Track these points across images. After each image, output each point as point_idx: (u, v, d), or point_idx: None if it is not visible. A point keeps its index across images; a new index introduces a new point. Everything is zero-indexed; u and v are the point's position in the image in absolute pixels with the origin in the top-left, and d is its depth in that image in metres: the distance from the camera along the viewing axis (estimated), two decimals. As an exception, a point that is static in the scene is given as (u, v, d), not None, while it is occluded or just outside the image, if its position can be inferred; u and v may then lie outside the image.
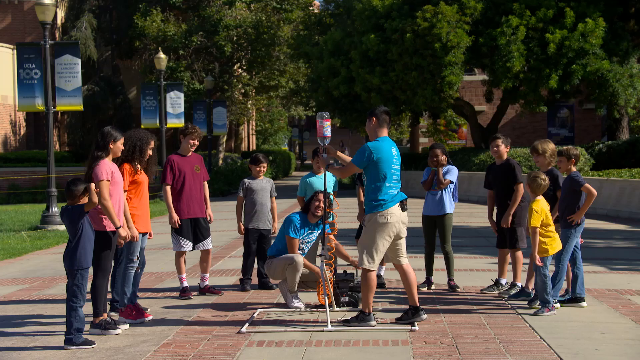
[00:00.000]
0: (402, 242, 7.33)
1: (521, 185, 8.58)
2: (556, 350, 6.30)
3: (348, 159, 7.51)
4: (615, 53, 26.28)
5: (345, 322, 7.25)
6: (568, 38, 25.02)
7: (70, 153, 39.62)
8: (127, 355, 6.42)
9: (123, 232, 7.20)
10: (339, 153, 7.51)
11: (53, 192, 17.92)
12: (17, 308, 8.67)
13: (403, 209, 7.19)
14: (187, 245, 8.98)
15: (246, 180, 9.51)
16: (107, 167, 7.12)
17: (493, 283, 8.95)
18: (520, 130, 40.39)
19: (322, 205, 8.17)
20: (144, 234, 7.89)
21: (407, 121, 46.49)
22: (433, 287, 9.26)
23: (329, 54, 29.55)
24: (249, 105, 45.47)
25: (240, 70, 42.11)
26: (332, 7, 36.22)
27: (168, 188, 8.91)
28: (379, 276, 9.35)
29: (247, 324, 7.33)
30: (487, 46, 25.96)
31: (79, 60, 18.86)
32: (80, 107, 19.22)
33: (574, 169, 8.20)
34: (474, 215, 19.48)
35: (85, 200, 6.85)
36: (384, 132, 7.30)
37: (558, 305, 7.89)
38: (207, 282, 9.18)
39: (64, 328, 6.87)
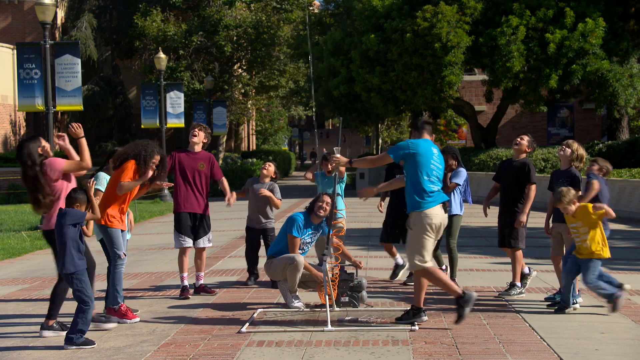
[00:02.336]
0: (435, 244, 7.37)
1: (534, 186, 8.58)
2: (556, 350, 6.30)
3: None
4: (615, 53, 26.29)
5: (459, 318, 7.06)
6: (568, 38, 25.02)
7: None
8: (127, 355, 6.42)
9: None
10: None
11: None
12: (17, 308, 8.67)
13: (445, 211, 7.23)
14: (186, 241, 8.94)
15: (250, 180, 9.71)
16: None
17: (508, 287, 8.86)
18: (520, 130, 40.30)
19: (325, 206, 8.20)
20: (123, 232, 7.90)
21: (407, 121, 46.59)
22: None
23: (329, 54, 29.57)
24: (249, 105, 45.48)
25: (240, 70, 42.12)
26: (332, 7, 36.26)
27: None
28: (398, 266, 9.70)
29: (247, 324, 7.33)
30: (487, 46, 25.96)
31: (79, 60, 18.86)
32: (80, 107, 19.21)
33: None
34: (474, 215, 19.46)
35: (82, 208, 6.91)
36: (426, 136, 7.38)
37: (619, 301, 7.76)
38: (201, 282, 9.15)
39: (64, 328, 6.88)
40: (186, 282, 9.00)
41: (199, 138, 9.06)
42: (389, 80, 26.66)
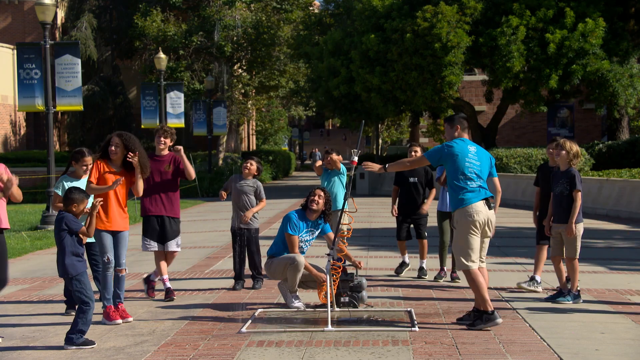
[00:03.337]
0: (485, 243, 7.31)
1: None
2: (556, 350, 6.30)
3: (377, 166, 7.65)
4: (615, 53, 26.29)
5: (470, 326, 7.05)
6: (568, 38, 25.03)
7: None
8: (127, 355, 6.42)
9: None
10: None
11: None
12: (17, 308, 8.66)
13: (489, 207, 7.18)
14: (152, 245, 8.85)
15: (233, 177, 9.66)
16: None
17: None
18: (520, 130, 40.42)
19: (317, 199, 8.20)
20: (112, 233, 7.69)
21: (407, 121, 46.59)
22: (446, 278, 9.75)
23: (329, 54, 29.55)
24: (249, 105, 45.48)
25: (240, 70, 42.12)
26: (332, 7, 36.25)
27: None
28: (421, 269, 10.03)
29: (247, 324, 7.33)
30: (487, 46, 25.96)
31: (79, 60, 18.85)
32: (80, 107, 19.22)
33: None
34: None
35: (80, 210, 6.90)
36: (465, 136, 7.41)
37: None
38: (168, 285, 8.96)
39: (64, 328, 6.87)
40: (168, 284, 8.90)
41: (165, 145, 8.94)
42: (389, 80, 26.65)
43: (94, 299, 6.88)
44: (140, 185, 7.83)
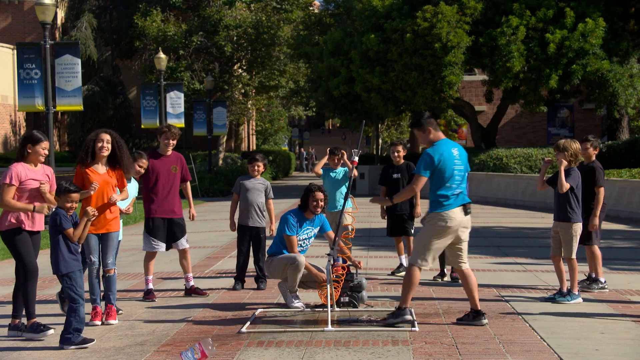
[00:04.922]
0: (464, 246, 7.36)
1: (602, 188, 8.78)
2: (556, 350, 6.30)
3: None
4: (615, 53, 26.28)
5: (384, 321, 7.17)
6: (568, 38, 25.02)
7: (70, 153, 39.64)
8: (127, 356, 6.42)
9: (38, 206, 7.09)
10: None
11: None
12: (17, 308, 8.65)
13: (466, 213, 7.20)
14: (160, 246, 8.91)
15: (240, 178, 9.67)
16: (14, 171, 7.10)
17: (586, 278, 9.09)
18: (520, 130, 40.39)
19: (320, 204, 8.20)
20: (99, 235, 7.64)
21: (407, 121, 46.55)
22: (446, 278, 9.82)
23: (329, 54, 29.54)
24: (249, 105, 45.48)
25: (240, 70, 42.11)
26: (332, 7, 36.24)
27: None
28: (401, 265, 10.16)
29: (247, 324, 7.33)
30: (487, 46, 25.96)
31: (79, 60, 18.86)
32: (80, 107, 19.22)
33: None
34: (475, 215, 19.45)
35: (62, 203, 6.88)
36: (441, 135, 7.34)
37: None
38: (192, 283, 9.07)
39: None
40: (151, 285, 8.95)
41: (172, 146, 9.03)
42: (389, 80, 26.64)
43: (85, 297, 6.89)
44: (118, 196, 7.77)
